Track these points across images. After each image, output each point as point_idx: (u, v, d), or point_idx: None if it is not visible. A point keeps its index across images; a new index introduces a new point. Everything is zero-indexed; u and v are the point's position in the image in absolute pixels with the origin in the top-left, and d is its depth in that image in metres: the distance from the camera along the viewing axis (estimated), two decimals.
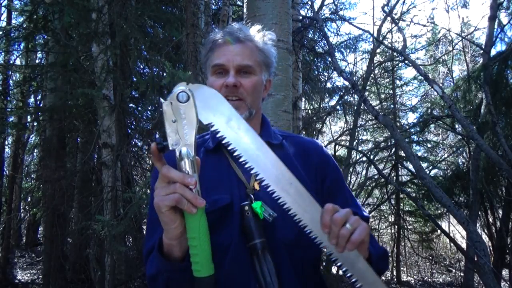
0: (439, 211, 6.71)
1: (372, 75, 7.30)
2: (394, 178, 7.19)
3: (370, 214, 6.66)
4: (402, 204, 7.58)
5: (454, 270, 7.90)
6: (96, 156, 5.04)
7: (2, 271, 5.97)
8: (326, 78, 7.86)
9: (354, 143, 7.34)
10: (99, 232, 3.31)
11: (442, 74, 13.06)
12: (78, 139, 5.82)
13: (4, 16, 7.25)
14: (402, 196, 7.17)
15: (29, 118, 6.38)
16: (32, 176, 7.63)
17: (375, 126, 8.72)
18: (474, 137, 3.33)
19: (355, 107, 6.85)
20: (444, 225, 8.93)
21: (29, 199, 7.73)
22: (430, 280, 7.36)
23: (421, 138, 7.28)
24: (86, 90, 3.70)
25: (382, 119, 3.42)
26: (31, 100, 7.09)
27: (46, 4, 4.49)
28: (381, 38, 6.73)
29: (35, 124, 6.23)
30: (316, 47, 7.04)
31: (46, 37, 5.41)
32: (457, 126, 5.73)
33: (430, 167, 7.13)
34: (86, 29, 3.93)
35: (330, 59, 6.48)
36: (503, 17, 6.74)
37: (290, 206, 0.81)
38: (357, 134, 8.25)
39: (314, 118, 7.79)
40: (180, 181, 0.74)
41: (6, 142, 7.13)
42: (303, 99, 7.51)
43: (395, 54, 7.28)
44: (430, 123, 6.33)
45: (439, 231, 6.09)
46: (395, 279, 7.46)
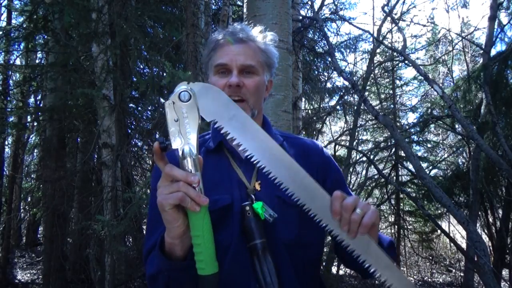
0: (439, 211, 6.70)
1: (372, 75, 7.29)
2: (394, 178, 7.18)
3: None
4: (402, 204, 7.57)
5: (454, 270, 7.89)
6: (96, 156, 5.03)
7: (2, 271, 5.96)
8: (326, 78, 7.87)
9: (354, 143, 7.34)
10: (99, 232, 3.31)
11: (442, 74, 13.07)
12: (78, 139, 5.82)
13: (4, 16, 7.26)
14: (402, 196, 7.15)
15: (29, 118, 6.38)
16: (32, 176, 7.63)
17: (375, 126, 8.71)
18: (474, 137, 3.33)
19: (355, 107, 6.84)
20: (444, 225, 8.92)
21: (29, 199, 7.73)
22: (430, 280, 7.35)
23: (421, 138, 7.26)
24: (86, 90, 3.70)
25: (382, 119, 3.42)
26: (31, 100, 7.09)
27: (46, 4, 4.49)
28: (381, 38, 6.72)
29: (35, 124, 6.23)
30: (316, 47, 7.05)
31: (46, 37, 5.40)
32: (457, 126, 5.72)
33: (430, 167, 7.12)
34: (86, 29, 3.93)
35: (330, 59, 6.48)
36: (503, 17, 6.75)
37: (298, 196, 0.82)
38: (357, 134, 8.25)
39: (314, 118, 7.80)
40: (183, 179, 0.75)
41: (6, 142, 7.13)
42: (303, 99, 7.52)
43: (395, 54, 7.27)
44: (430, 123, 6.33)
45: (439, 231, 6.08)
46: None
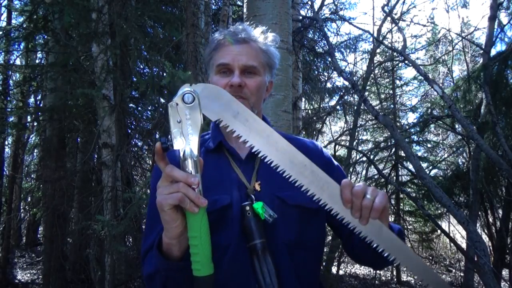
0: (439, 211, 6.70)
1: (372, 75, 7.30)
2: (394, 178, 7.18)
3: None
4: (402, 204, 7.57)
5: (454, 270, 7.89)
6: (96, 156, 5.03)
7: (2, 271, 5.96)
8: (326, 78, 7.88)
9: (354, 143, 7.34)
10: (99, 232, 3.31)
11: (442, 74, 13.08)
12: (78, 139, 5.82)
13: (4, 16, 7.26)
14: (402, 196, 7.16)
15: (29, 118, 6.38)
16: (32, 176, 7.63)
17: (375, 126, 8.72)
18: (474, 137, 3.33)
19: (355, 107, 6.84)
20: (444, 225, 8.92)
21: (29, 199, 7.73)
22: None
23: (421, 138, 7.26)
24: (86, 90, 3.69)
25: (382, 119, 3.42)
26: (31, 100, 7.09)
27: (46, 4, 4.48)
28: (381, 38, 6.72)
29: (35, 124, 6.23)
30: (316, 47, 7.05)
31: (46, 37, 5.40)
32: (457, 126, 5.72)
33: (430, 167, 7.12)
34: (86, 29, 3.92)
35: (330, 59, 6.48)
36: (503, 17, 6.77)
37: (308, 188, 0.82)
38: (357, 134, 8.25)
39: (314, 118, 7.80)
40: (183, 180, 0.75)
41: (6, 142, 7.13)
42: (303, 99, 7.52)
43: (395, 54, 7.28)
44: (430, 123, 6.32)
45: (439, 231, 6.08)
46: (395, 279, 7.45)
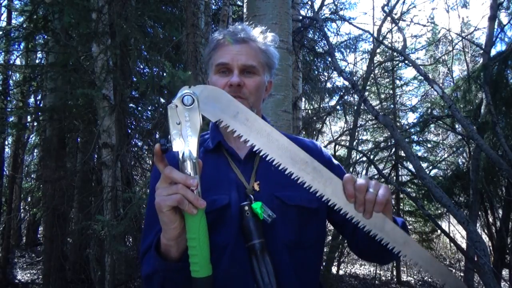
0: (439, 211, 6.70)
1: (372, 75, 7.29)
2: (394, 178, 7.18)
3: None
4: (402, 204, 7.57)
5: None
6: (96, 156, 5.03)
7: (2, 271, 5.96)
8: (326, 78, 7.87)
9: (354, 143, 7.34)
10: (99, 232, 3.31)
11: (442, 74, 13.08)
12: (78, 139, 5.82)
13: (4, 16, 7.26)
14: (402, 196, 7.16)
15: (29, 118, 6.38)
16: (32, 176, 7.63)
17: (375, 126, 8.72)
18: (474, 137, 3.33)
19: (355, 107, 6.84)
20: (444, 225, 8.93)
21: (29, 199, 7.73)
22: (430, 280, 7.35)
23: (421, 138, 7.26)
24: (86, 90, 3.69)
25: (382, 119, 3.42)
26: (31, 100, 7.08)
27: (46, 4, 4.48)
28: (381, 38, 6.72)
29: (35, 124, 6.23)
30: (316, 47, 7.05)
31: (46, 37, 5.40)
32: (457, 126, 5.72)
33: (430, 167, 7.12)
34: (86, 29, 3.92)
35: (330, 59, 6.48)
36: (503, 17, 6.76)
37: (311, 184, 0.82)
38: (357, 134, 8.26)
39: (314, 118, 7.80)
40: (182, 182, 0.75)
41: (6, 142, 7.13)
42: (303, 99, 7.52)
43: (395, 54, 7.28)
44: (430, 123, 6.32)
45: (439, 231, 6.07)
46: (395, 279, 7.46)
